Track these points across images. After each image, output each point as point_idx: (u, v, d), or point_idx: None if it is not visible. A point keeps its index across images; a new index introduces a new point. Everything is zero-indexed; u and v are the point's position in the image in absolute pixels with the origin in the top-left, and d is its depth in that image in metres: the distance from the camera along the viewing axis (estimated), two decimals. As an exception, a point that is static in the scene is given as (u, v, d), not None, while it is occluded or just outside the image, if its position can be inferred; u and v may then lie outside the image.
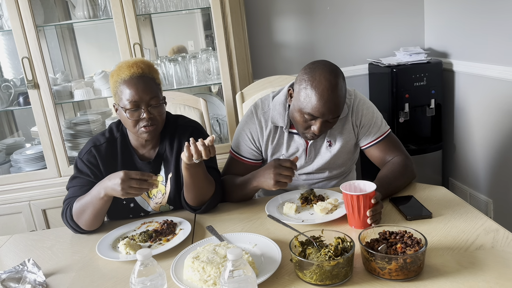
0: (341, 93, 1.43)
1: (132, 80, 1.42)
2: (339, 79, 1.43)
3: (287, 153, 1.65)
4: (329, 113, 1.43)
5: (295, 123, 1.54)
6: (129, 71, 1.42)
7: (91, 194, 1.40)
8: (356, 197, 1.26)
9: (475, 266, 1.05)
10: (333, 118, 1.46)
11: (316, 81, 1.41)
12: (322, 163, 1.64)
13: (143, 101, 1.42)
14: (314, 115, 1.43)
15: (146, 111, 1.42)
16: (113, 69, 1.48)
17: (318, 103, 1.40)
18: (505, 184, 2.48)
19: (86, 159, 1.51)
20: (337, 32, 2.96)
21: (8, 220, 2.48)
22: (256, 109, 1.65)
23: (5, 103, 2.54)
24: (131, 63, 1.45)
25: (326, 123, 1.47)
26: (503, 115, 2.42)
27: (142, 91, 1.41)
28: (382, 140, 1.62)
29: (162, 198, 1.57)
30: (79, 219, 1.43)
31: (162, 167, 1.57)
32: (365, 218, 1.28)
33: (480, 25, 2.48)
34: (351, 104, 1.61)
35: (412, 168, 1.58)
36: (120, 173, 1.32)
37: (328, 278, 1.03)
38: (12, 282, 1.15)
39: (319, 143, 1.63)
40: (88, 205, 1.41)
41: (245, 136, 1.65)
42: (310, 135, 1.51)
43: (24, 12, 2.26)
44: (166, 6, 2.48)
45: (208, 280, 1.05)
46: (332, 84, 1.40)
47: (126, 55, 2.37)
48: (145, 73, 1.45)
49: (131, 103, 1.41)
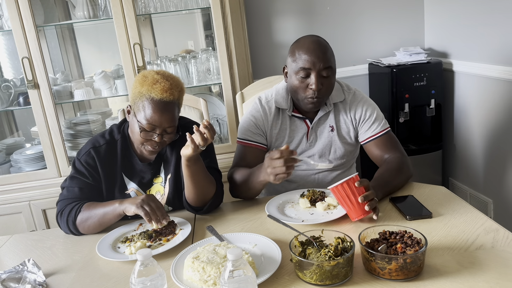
0: (324, 45, 1.56)
1: (159, 104, 1.40)
2: (320, 38, 1.58)
3: (289, 138, 1.67)
4: (318, 61, 1.51)
5: (296, 92, 1.59)
6: (162, 94, 1.39)
7: (105, 206, 1.42)
8: (341, 186, 1.30)
9: (475, 266, 1.05)
10: (325, 69, 1.53)
11: (300, 42, 1.58)
12: (323, 146, 1.68)
13: (161, 127, 1.42)
14: (306, 67, 1.53)
15: (159, 136, 1.43)
16: (146, 75, 1.43)
17: (306, 55, 1.53)
18: (505, 184, 2.48)
19: (84, 160, 1.51)
20: (337, 32, 2.96)
21: (8, 220, 2.48)
22: (260, 100, 1.71)
23: (5, 103, 2.54)
24: (167, 87, 1.40)
25: (321, 78, 1.54)
26: (503, 115, 2.42)
27: (165, 119, 1.41)
28: (381, 136, 1.65)
29: (161, 199, 1.57)
30: (81, 223, 1.43)
31: (162, 168, 1.57)
32: (360, 206, 1.29)
33: (480, 25, 2.48)
34: (349, 97, 1.69)
35: (409, 167, 1.60)
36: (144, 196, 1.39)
37: (328, 278, 1.03)
38: (12, 282, 1.15)
39: (322, 127, 1.67)
40: (97, 216, 1.42)
41: (250, 122, 1.68)
42: (310, 96, 1.56)
43: (24, 12, 2.27)
44: (166, 6, 2.48)
45: (208, 280, 1.05)
46: (314, 39, 1.57)
47: (126, 55, 2.37)
48: (175, 99, 1.43)
49: (148, 125, 1.41)
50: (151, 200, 1.37)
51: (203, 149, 1.37)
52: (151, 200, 1.37)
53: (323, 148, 1.68)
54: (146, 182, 1.56)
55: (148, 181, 1.56)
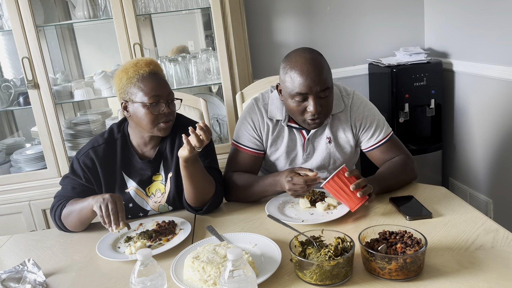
0: (320, 64, 1.45)
1: (151, 76, 1.46)
2: (314, 54, 1.47)
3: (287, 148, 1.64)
4: (314, 84, 1.42)
5: (293, 114, 1.53)
6: (148, 67, 1.46)
7: (83, 201, 1.42)
8: (332, 181, 1.34)
9: (475, 266, 1.05)
10: (323, 91, 1.44)
11: (292, 62, 1.46)
12: (321, 160, 1.64)
13: (163, 96, 1.46)
14: (302, 92, 1.44)
15: (166, 106, 1.47)
16: (124, 67, 1.49)
17: (301, 78, 1.42)
18: (505, 184, 2.48)
19: (82, 161, 1.52)
20: (337, 32, 2.96)
21: (8, 220, 2.48)
22: (257, 101, 1.66)
23: (5, 103, 2.54)
24: (148, 61, 1.48)
25: (319, 100, 1.45)
26: (503, 115, 2.42)
27: (163, 86, 1.47)
28: (384, 143, 1.61)
29: (161, 198, 1.57)
30: (65, 219, 1.47)
31: (162, 166, 1.57)
32: (355, 195, 1.33)
33: (480, 25, 2.48)
34: (349, 103, 1.61)
35: (413, 167, 1.58)
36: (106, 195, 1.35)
37: (328, 278, 1.03)
38: (12, 282, 1.15)
39: (319, 139, 1.63)
40: (75, 212, 1.44)
41: (248, 125, 1.64)
42: (310, 118, 1.49)
43: (24, 12, 2.26)
44: (166, 6, 2.48)
45: (208, 280, 1.05)
46: (308, 58, 1.44)
47: (126, 55, 2.37)
48: (159, 71, 1.51)
49: (152, 97, 1.44)
50: (111, 201, 1.32)
51: (200, 150, 1.37)
52: (111, 201, 1.32)
53: (321, 161, 1.64)
54: (146, 180, 1.56)
55: (147, 178, 1.56)
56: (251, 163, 1.64)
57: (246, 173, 1.62)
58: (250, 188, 1.55)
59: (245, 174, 1.60)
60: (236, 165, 1.64)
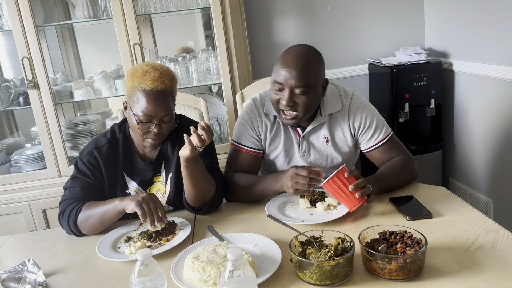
0: (306, 61, 1.44)
1: (152, 94, 1.40)
2: (307, 51, 1.47)
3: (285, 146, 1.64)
4: (290, 77, 1.43)
5: (272, 104, 1.55)
6: (152, 84, 1.40)
7: (106, 204, 1.41)
8: (332, 180, 1.34)
9: (475, 266, 1.05)
10: (298, 87, 1.44)
11: (284, 52, 1.49)
12: (318, 159, 1.64)
13: (157, 117, 1.42)
14: (278, 81, 1.46)
15: (157, 126, 1.43)
16: (136, 69, 1.45)
17: (281, 68, 1.45)
18: (505, 184, 2.48)
19: (87, 160, 1.51)
20: (337, 32, 2.96)
21: (8, 220, 2.48)
22: (255, 101, 1.67)
23: (5, 103, 2.54)
24: (156, 76, 1.41)
25: (293, 95, 1.45)
26: (503, 115, 2.42)
27: (160, 108, 1.41)
28: (384, 143, 1.61)
29: (162, 198, 1.57)
30: (82, 223, 1.42)
31: (163, 167, 1.57)
32: (354, 195, 1.33)
33: (480, 25, 2.48)
34: (347, 104, 1.61)
35: (413, 167, 1.58)
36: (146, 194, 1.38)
37: (328, 278, 1.03)
38: (12, 282, 1.15)
39: (314, 138, 1.63)
40: (97, 215, 1.41)
41: (246, 125, 1.65)
42: (282, 110, 1.50)
43: (24, 12, 2.26)
44: (166, 6, 2.48)
45: (208, 280, 1.06)
46: (297, 51, 1.46)
47: (126, 55, 2.37)
48: (167, 88, 1.44)
49: (145, 116, 1.41)
50: (151, 200, 1.36)
51: (202, 150, 1.37)
52: (151, 200, 1.36)
53: (319, 160, 1.64)
54: (147, 181, 1.56)
55: (148, 179, 1.56)
56: (250, 163, 1.65)
57: (246, 173, 1.62)
58: (251, 188, 1.55)
59: (246, 174, 1.61)
60: (236, 165, 1.65)
